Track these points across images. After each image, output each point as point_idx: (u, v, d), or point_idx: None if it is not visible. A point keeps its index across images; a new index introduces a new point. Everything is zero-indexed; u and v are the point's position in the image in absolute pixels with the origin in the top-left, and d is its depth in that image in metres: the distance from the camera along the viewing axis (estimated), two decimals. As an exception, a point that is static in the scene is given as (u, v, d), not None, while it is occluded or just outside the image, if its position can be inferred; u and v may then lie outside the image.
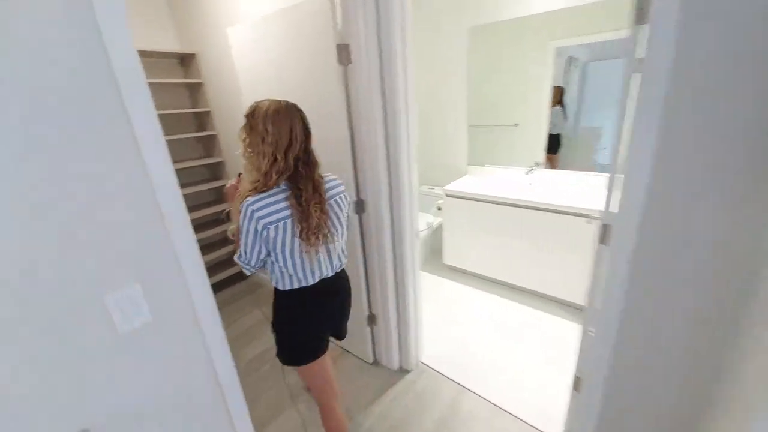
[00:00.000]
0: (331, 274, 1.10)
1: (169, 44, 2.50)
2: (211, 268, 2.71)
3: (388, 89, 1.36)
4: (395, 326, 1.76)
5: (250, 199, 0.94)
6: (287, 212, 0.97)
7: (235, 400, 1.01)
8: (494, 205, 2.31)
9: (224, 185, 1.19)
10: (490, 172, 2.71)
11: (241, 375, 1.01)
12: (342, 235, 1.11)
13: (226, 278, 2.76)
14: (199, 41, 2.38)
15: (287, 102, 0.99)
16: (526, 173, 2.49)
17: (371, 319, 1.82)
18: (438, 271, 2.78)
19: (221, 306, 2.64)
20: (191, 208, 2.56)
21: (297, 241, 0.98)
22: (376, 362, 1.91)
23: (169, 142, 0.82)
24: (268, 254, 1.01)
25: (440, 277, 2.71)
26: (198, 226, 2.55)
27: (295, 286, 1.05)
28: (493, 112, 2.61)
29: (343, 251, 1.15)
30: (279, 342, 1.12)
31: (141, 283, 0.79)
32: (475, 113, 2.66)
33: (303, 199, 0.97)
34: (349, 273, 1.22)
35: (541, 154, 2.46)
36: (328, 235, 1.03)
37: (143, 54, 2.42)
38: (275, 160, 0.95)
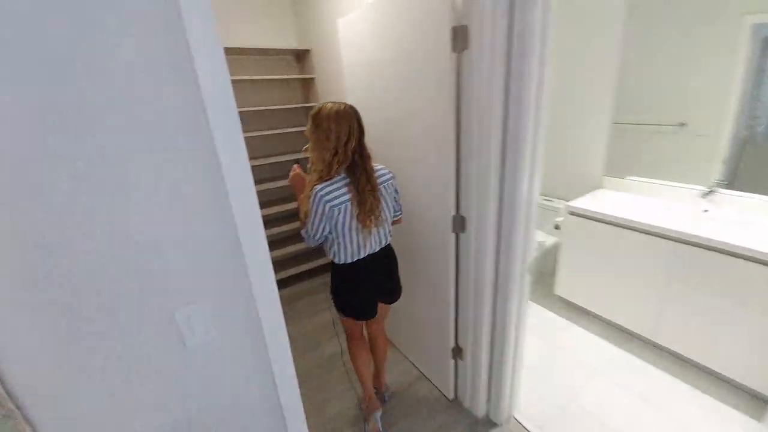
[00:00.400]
0: (377, 249, 1.30)
1: (288, 41, 2.63)
2: (295, 260, 2.85)
3: (514, 80, 1.05)
4: (486, 365, 1.46)
5: (318, 186, 1.14)
6: (347, 197, 1.16)
7: (295, 421, 0.92)
8: (640, 234, 1.73)
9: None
10: (637, 187, 2.07)
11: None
12: (389, 218, 1.30)
13: (309, 270, 2.86)
14: (314, 36, 2.42)
15: (346, 104, 1.17)
16: (702, 195, 1.80)
17: (456, 352, 1.56)
18: (545, 300, 2.30)
19: (300, 298, 2.80)
20: (286, 199, 2.69)
21: (355, 222, 1.19)
22: (456, 400, 1.65)
23: (281, 135, 0.74)
24: (330, 232, 1.20)
25: (547, 309, 2.24)
26: (291, 216, 2.67)
27: (350, 260, 1.26)
28: (649, 108, 1.97)
29: (389, 231, 1.34)
30: (336, 302, 1.37)
31: (211, 302, 0.74)
32: (622, 108, 2.05)
33: (359, 186, 1.17)
34: (436, 296, 1.35)
35: (718, 168, 1.75)
36: (380, 217, 1.23)
37: (264, 52, 2.63)
38: (336, 152, 1.14)
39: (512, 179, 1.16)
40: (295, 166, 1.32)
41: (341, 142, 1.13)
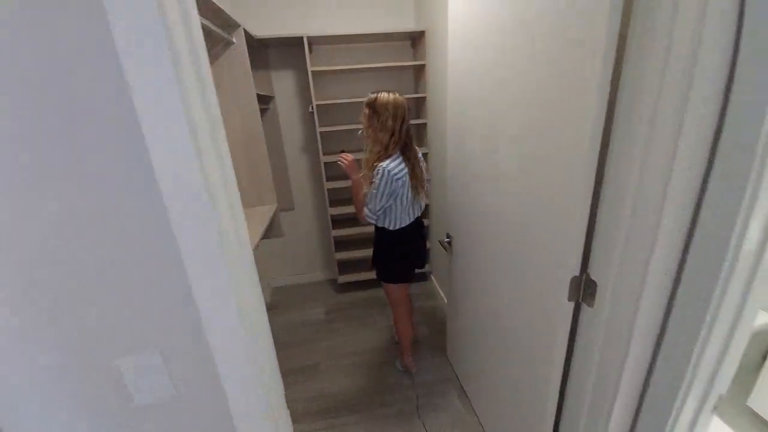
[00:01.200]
0: (419, 215, 1.63)
1: (405, 23, 2.36)
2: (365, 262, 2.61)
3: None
4: None
5: (384, 164, 1.39)
6: (405, 170, 1.44)
7: None
8: None
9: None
10: None
11: None
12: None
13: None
14: (430, 15, 2.08)
15: (396, 94, 1.45)
16: None
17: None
18: (727, 413, 1.44)
19: (366, 306, 2.64)
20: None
21: (408, 190, 1.48)
22: None
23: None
24: (387, 204, 1.46)
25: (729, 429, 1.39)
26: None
27: (404, 224, 1.55)
28: None
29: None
30: (384, 268, 1.68)
31: (161, 351, 0.55)
32: None
33: (410, 161, 1.47)
34: (521, 402, 1.09)
35: None
36: (425, 186, 1.59)
37: (379, 38, 2.29)
38: (393, 134, 1.42)
39: (717, 211, 0.59)
40: (345, 153, 1.53)
41: (397, 125, 1.41)
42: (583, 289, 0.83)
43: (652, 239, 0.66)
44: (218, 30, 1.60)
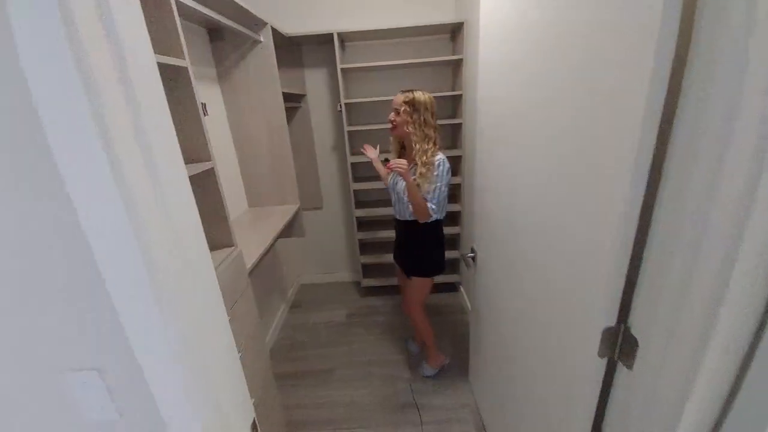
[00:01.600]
0: None
1: (444, 15, 2.19)
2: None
3: None
4: None
5: (440, 156, 1.48)
6: None
7: None
8: None
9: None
10: None
11: None
12: None
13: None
14: (470, 4, 1.89)
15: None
16: None
17: None
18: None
19: (387, 313, 2.42)
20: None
21: None
22: None
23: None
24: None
25: None
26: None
27: (441, 216, 1.58)
28: None
29: None
30: (424, 263, 1.69)
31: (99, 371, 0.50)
32: None
33: None
34: None
35: None
36: None
37: (416, 32, 2.10)
38: (435, 129, 1.49)
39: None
40: (399, 160, 1.44)
41: (435, 121, 1.49)
42: (620, 346, 0.64)
43: (720, 288, 0.47)
44: (243, 29, 1.59)
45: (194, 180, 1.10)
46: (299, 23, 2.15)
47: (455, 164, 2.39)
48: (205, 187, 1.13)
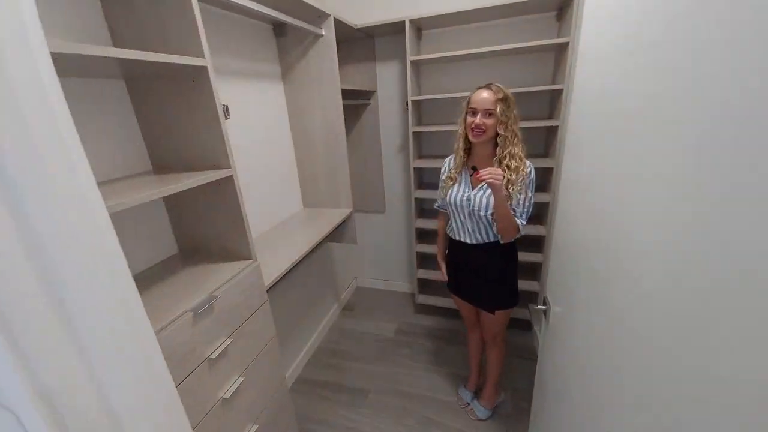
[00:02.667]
0: None
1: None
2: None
3: None
4: None
5: (530, 163, 1.26)
6: None
7: None
8: None
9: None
10: None
11: None
12: None
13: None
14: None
15: None
16: None
17: None
18: None
19: (439, 339, 1.95)
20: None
21: None
22: None
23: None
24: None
25: None
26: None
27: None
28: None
29: None
30: (509, 289, 1.42)
31: None
32: None
33: None
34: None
35: None
36: None
37: (511, 10, 1.69)
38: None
39: None
40: (487, 171, 1.16)
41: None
42: None
43: None
44: (303, 24, 1.49)
45: (210, 188, 1.04)
46: (374, 12, 1.97)
47: (544, 177, 1.91)
48: (222, 195, 1.05)
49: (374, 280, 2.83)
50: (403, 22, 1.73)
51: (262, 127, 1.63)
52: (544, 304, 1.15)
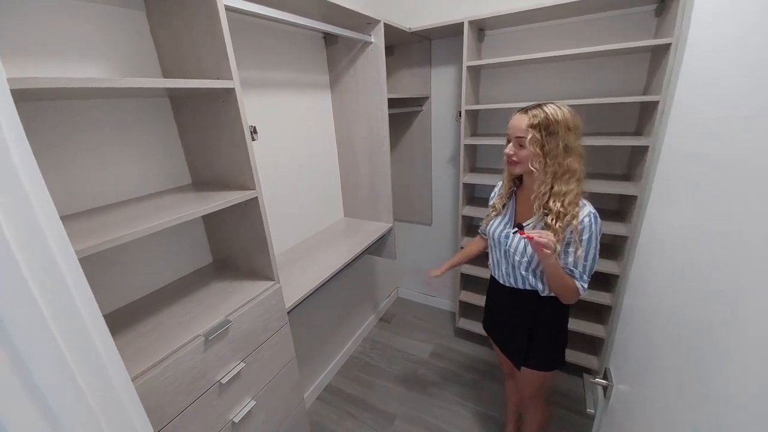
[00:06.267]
0: None
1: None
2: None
3: None
4: None
5: (589, 207, 0.96)
6: None
7: None
8: None
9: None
10: None
11: None
12: None
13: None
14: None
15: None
16: None
17: None
18: None
19: (477, 373, 2.04)
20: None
21: None
22: None
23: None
24: None
25: None
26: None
27: None
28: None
29: None
30: (546, 348, 1.15)
31: None
32: None
33: None
34: None
35: None
36: None
37: (598, 5, 1.46)
38: (581, 156, 0.96)
39: None
40: (522, 230, 1.00)
41: (582, 147, 0.96)
42: None
43: None
44: (351, 34, 1.41)
45: (236, 209, 1.03)
46: (434, 13, 1.82)
47: (626, 206, 1.60)
48: (248, 215, 1.03)
49: (415, 293, 2.71)
50: (462, 23, 1.55)
51: (307, 135, 1.61)
52: (605, 377, 0.93)
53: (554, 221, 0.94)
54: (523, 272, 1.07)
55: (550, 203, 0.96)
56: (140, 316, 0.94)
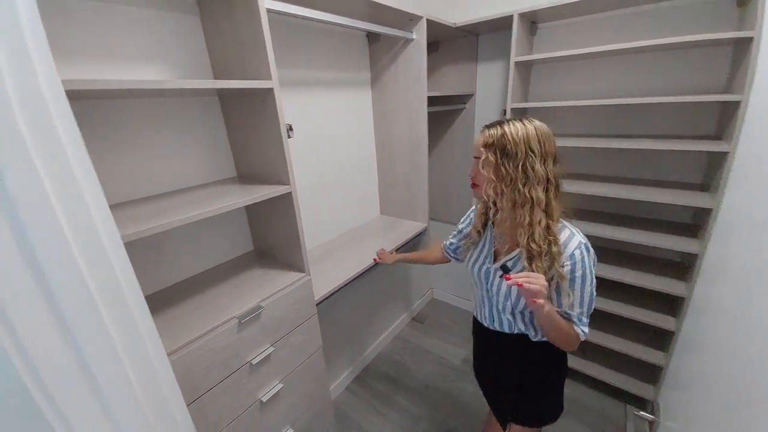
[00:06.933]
0: None
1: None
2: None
3: None
4: None
5: (570, 236, 0.80)
6: None
7: None
8: None
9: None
10: None
11: None
12: None
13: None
14: None
15: (533, 121, 0.82)
16: None
17: None
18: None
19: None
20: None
21: None
22: None
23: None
24: None
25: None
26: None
27: None
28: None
29: None
30: (550, 403, 1.02)
31: None
32: None
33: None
34: None
35: None
36: None
37: None
38: (556, 186, 0.81)
39: None
40: (523, 277, 0.75)
41: (550, 169, 0.80)
42: None
43: None
44: (392, 32, 1.41)
45: (271, 203, 1.09)
46: (480, 7, 1.74)
47: (700, 221, 1.41)
48: (282, 210, 1.09)
49: (450, 294, 2.65)
50: (511, 16, 1.47)
51: (346, 133, 1.65)
52: (653, 412, 0.84)
53: (530, 262, 0.80)
54: (509, 317, 0.93)
55: (523, 237, 0.80)
56: (185, 295, 1.04)
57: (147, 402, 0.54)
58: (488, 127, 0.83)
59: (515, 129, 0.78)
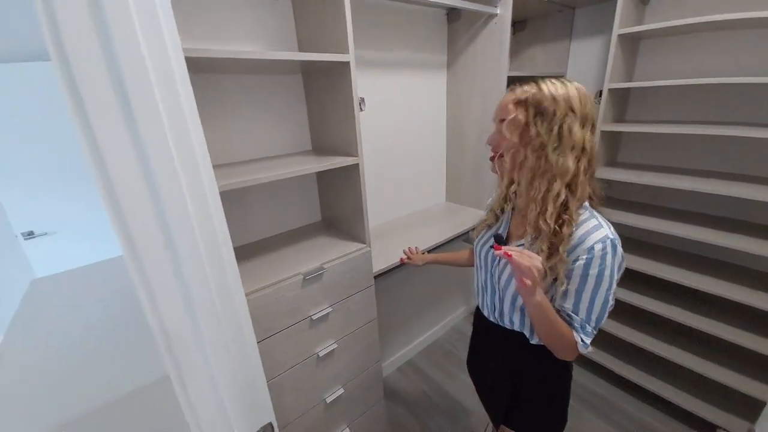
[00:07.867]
0: None
1: None
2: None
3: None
4: None
5: (608, 231, 0.67)
6: None
7: None
8: None
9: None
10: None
11: None
12: None
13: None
14: None
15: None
16: None
17: None
18: None
19: None
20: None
21: None
22: None
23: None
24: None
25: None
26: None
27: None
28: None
29: None
30: (547, 417, 0.90)
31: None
32: None
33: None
34: None
35: None
36: None
37: None
38: (591, 158, 0.69)
39: None
40: (513, 250, 0.64)
41: (588, 138, 0.68)
42: None
43: None
44: (475, 7, 1.34)
45: (343, 172, 1.16)
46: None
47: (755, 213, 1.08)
48: (351, 181, 1.15)
49: (516, 295, 2.49)
50: (618, -18, 1.28)
51: (418, 114, 1.65)
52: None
53: (541, 242, 0.68)
54: (507, 307, 0.82)
55: (543, 221, 0.68)
56: (258, 252, 1.18)
57: (222, 309, 0.63)
58: (520, 84, 0.73)
59: (554, 86, 0.67)
